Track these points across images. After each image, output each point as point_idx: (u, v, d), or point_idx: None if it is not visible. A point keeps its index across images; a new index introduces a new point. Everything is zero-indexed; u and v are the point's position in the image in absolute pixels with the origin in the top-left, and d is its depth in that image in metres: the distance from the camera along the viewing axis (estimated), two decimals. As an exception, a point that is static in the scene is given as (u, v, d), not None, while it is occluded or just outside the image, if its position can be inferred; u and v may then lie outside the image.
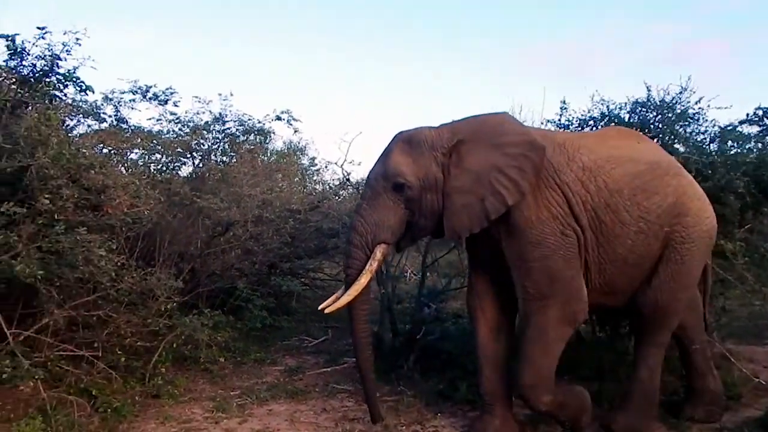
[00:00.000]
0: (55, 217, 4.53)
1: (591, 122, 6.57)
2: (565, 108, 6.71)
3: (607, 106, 6.54)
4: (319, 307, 4.68)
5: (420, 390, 5.78)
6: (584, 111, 6.66)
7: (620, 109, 6.49)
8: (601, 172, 4.44)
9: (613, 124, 6.36)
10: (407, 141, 4.56)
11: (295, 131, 8.60)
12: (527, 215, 4.33)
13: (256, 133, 8.63)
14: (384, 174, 4.51)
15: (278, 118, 8.38)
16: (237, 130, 8.30)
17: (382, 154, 4.67)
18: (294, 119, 8.39)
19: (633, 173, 4.51)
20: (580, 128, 6.60)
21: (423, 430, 5.00)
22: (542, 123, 6.98)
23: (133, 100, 7.19)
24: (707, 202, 4.81)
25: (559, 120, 6.75)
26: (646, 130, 6.16)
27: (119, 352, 5.33)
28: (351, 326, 4.67)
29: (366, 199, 4.57)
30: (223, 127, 8.12)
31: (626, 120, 6.37)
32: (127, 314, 5.58)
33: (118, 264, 5.08)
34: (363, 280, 4.44)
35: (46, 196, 4.47)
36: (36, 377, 4.38)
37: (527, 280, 4.38)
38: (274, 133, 8.95)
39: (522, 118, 7.12)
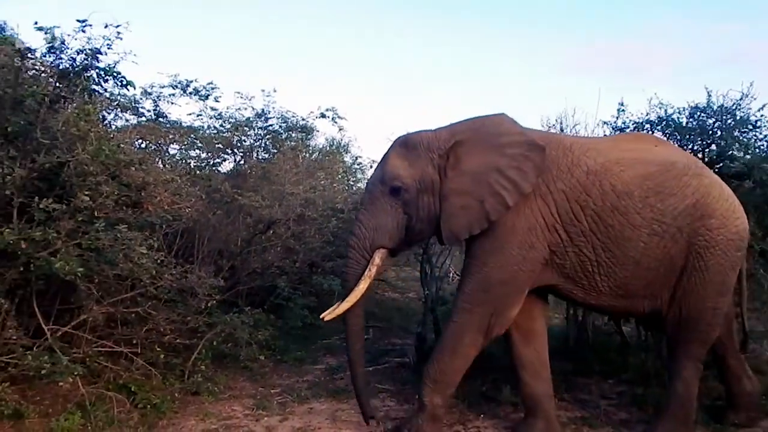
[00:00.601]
0: (95, 214, 4.50)
1: (648, 126, 6.37)
2: (623, 110, 6.54)
3: (665, 110, 6.36)
4: (321, 317, 4.65)
5: (462, 391, 5.55)
6: (641, 114, 6.50)
7: (679, 113, 6.29)
8: (609, 174, 4.35)
9: (671, 128, 6.21)
10: (404, 144, 4.57)
11: (340, 129, 8.54)
12: (503, 220, 4.30)
13: (299, 130, 8.58)
14: (381, 178, 4.54)
15: (323, 116, 8.32)
16: (280, 126, 8.27)
17: (380, 160, 4.68)
18: (339, 117, 8.33)
19: (644, 175, 4.39)
20: (636, 131, 6.37)
21: (465, 431, 4.86)
22: (597, 125, 6.83)
23: (173, 95, 7.20)
24: (736, 203, 4.56)
25: (615, 122, 6.58)
26: (705, 136, 6.05)
27: (158, 349, 5.30)
28: (344, 322, 4.63)
29: (365, 205, 4.62)
30: (265, 124, 8.09)
31: (684, 124, 6.20)
32: (166, 311, 5.56)
33: (158, 261, 5.06)
34: (362, 286, 4.47)
35: (86, 192, 4.44)
36: (75, 373, 4.35)
37: (470, 280, 4.40)
38: (317, 130, 8.91)
39: (576, 119, 7.05)
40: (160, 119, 7.11)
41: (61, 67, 4.69)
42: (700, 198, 4.38)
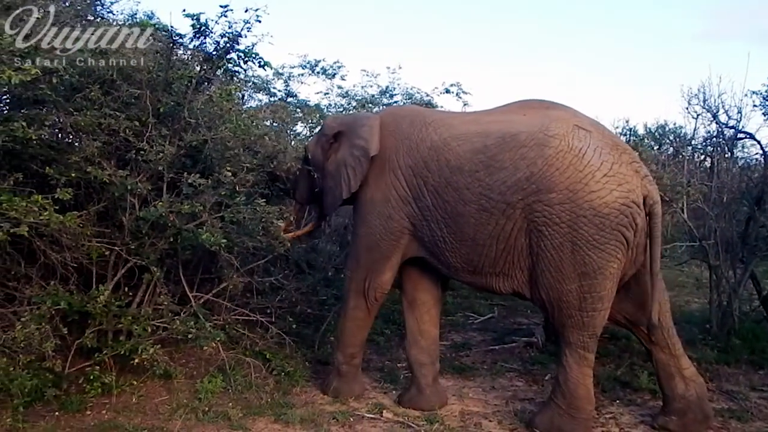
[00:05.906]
0: (236, 188, 4.74)
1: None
2: None
3: None
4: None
5: (595, 374, 5.39)
6: None
7: None
8: (446, 149, 4.39)
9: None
10: (321, 126, 5.36)
11: (465, 104, 8.43)
12: (365, 194, 4.73)
13: (423, 106, 8.56)
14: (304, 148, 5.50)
15: (447, 91, 8.25)
16: (404, 103, 8.28)
17: None
18: (463, 92, 8.23)
19: (477, 149, 4.27)
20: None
21: (599, 416, 4.68)
22: (745, 94, 6.26)
23: (302, 75, 7.41)
24: (600, 174, 3.92)
25: (766, 92, 6.02)
26: None
27: (290, 319, 5.53)
28: None
29: None
30: (390, 101, 8.14)
31: None
32: (296, 282, 5.77)
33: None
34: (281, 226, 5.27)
35: (229, 168, 4.69)
36: (217, 338, 4.63)
37: (350, 249, 5.04)
38: (441, 106, 8.85)
39: (721, 89, 6.52)
40: (290, 98, 7.35)
41: (205, 51, 4.92)
42: (537, 171, 4.00)
